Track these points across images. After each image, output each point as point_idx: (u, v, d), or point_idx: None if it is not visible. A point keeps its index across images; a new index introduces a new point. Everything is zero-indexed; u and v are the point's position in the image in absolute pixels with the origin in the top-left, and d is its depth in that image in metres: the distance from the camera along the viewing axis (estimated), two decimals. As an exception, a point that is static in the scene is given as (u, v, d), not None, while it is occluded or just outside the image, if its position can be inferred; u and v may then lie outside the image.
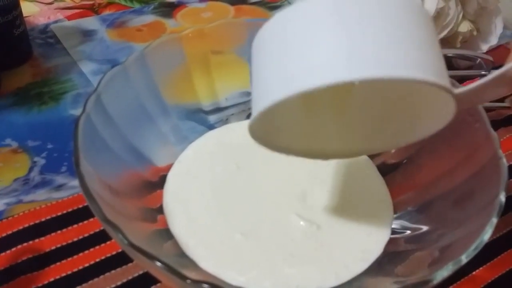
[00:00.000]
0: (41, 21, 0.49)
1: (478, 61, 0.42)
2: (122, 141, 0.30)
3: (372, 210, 0.31)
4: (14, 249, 0.29)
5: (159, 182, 0.32)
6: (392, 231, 0.29)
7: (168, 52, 0.33)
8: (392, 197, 0.32)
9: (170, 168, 0.33)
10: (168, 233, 0.29)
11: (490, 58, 0.42)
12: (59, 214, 0.31)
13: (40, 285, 0.27)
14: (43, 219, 0.31)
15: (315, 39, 0.19)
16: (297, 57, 0.19)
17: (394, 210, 0.31)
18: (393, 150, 0.33)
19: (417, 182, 0.31)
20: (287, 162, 0.33)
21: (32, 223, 0.30)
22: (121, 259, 0.29)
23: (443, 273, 0.21)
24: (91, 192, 0.23)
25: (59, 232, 0.30)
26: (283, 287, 0.26)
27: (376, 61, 0.18)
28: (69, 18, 0.50)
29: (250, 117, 0.36)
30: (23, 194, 0.32)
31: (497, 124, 0.40)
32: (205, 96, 0.36)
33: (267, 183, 0.32)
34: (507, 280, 0.30)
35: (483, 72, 0.42)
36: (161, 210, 0.30)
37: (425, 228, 0.28)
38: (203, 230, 0.29)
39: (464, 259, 0.22)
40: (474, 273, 0.30)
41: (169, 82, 0.34)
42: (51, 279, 0.28)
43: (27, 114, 0.39)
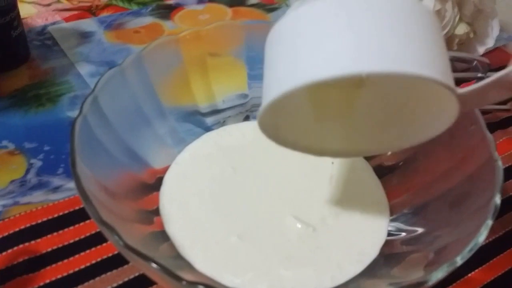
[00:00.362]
0: (38, 22, 0.49)
1: (475, 63, 0.42)
2: (119, 143, 0.30)
3: (368, 212, 0.31)
4: (10, 250, 0.29)
5: (156, 184, 0.32)
6: (388, 233, 0.30)
7: (165, 54, 0.33)
8: (388, 199, 0.32)
9: (167, 170, 0.33)
10: (164, 235, 0.29)
11: (486, 60, 0.42)
12: (56, 216, 0.31)
13: (36, 286, 0.27)
14: (40, 221, 0.31)
15: (325, 34, 0.20)
16: (306, 51, 0.20)
17: (390, 212, 0.31)
18: (389, 153, 0.33)
19: (413, 184, 0.31)
20: (284, 165, 0.33)
21: (28, 225, 0.30)
22: (117, 261, 0.29)
23: (438, 274, 0.21)
24: (87, 193, 0.23)
25: (56, 234, 0.30)
26: (279, 289, 0.26)
27: (383, 56, 0.19)
28: (66, 19, 0.50)
29: (247, 119, 0.36)
30: (20, 196, 0.32)
31: (493, 126, 0.40)
32: (202, 98, 0.36)
33: (264, 185, 0.32)
34: (503, 282, 0.30)
35: (480, 74, 0.42)
36: (157, 212, 0.30)
37: (420, 230, 0.28)
38: (199, 232, 0.29)
39: (459, 261, 0.22)
40: (469, 275, 0.30)
41: (166, 84, 0.34)
42: (47, 281, 0.28)
43: (24, 116, 0.39)
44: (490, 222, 0.23)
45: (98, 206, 0.22)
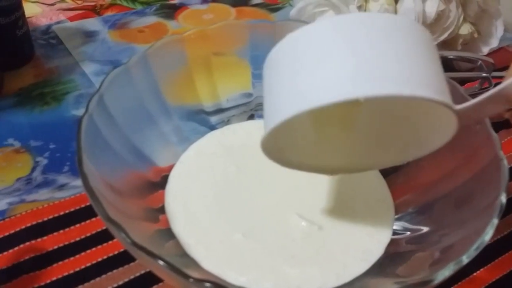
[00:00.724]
0: (43, 22, 0.49)
1: (479, 63, 0.42)
2: (124, 141, 0.30)
3: (373, 211, 0.31)
4: (16, 248, 0.29)
5: (161, 182, 0.32)
6: (393, 232, 0.30)
7: (170, 53, 0.33)
8: (393, 198, 0.32)
9: (172, 168, 0.33)
10: (169, 232, 0.29)
11: (491, 60, 0.42)
12: (61, 213, 0.31)
13: (42, 284, 0.27)
14: (45, 219, 0.31)
15: (323, 59, 0.20)
16: (305, 76, 0.20)
17: (395, 211, 0.31)
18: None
19: (418, 183, 0.31)
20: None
21: (34, 223, 0.30)
22: (123, 259, 0.29)
23: (444, 273, 0.21)
24: (94, 191, 0.23)
25: (61, 231, 0.30)
26: (284, 288, 0.27)
27: (380, 79, 0.19)
28: (71, 19, 0.50)
29: (251, 118, 0.36)
30: (26, 194, 0.32)
31: (498, 126, 0.40)
32: (206, 97, 0.36)
33: (269, 184, 0.32)
34: (508, 281, 0.30)
35: (484, 74, 0.42)
36: (162, 210, 0.30)
37: (426, 229, 0.28)
38: (205, 230, 0.29)
39: (465, 260, 0.22)
40: (475, 274, 0.30)
41: (170, 83, 0.34)
42: (53, 278, 0.28)
43: (30, 115, 0.39)
44: (495, 221, 0.23)
45: (105, 204, 0.23)
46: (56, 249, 0.29)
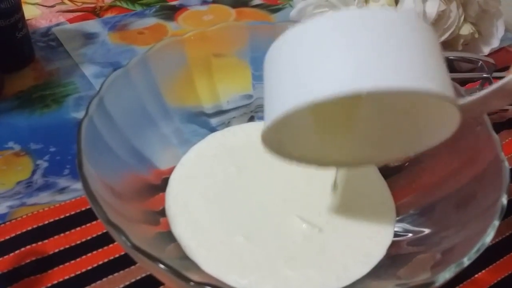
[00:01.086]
0: (43, 24, 0.49)
1: (480, 63, 0.42)
2: (125, 144, 0.30)
3: (374, 213, 0.31)
4: (17, 251, 0.29)
5: (162, 185, 0.32)
6: (394, 234, 0.30)
7: (170, 55, 0.33)
8: (394, 199, 0.32)
9: (172, 171, 0.33)
10: (170, 235, 0.29)
11: (491, 60, 0.42)
12: (62, 216, 0.31)
13: (43, 287, 0.27)
14: (46, 222, 0.31)
15: (324, 53, 0.20)
16: (306, 69, 0.20)
17: (397, 213, 0.31)
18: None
19: (419, 185, 0.31)
20: (289, 165, 0.33)
21: (35, 226, 0.30)
22: (124, 262, 0.29)
23: (446, 275, 0.21)
24: (95, 194, 0.23)
25: (62, 234, 0.30)
26: (285, 290, 0.26)
27: (382, 72, 0.19)
28: (71, 21, 0.50)
29: (251, 119, 0.36)
30: (26, 197, 0.32)
31: (499, 126, 0.40)
32: (206, 99, 0.36)
33: (269, 186, 0.32)
34: (509, 283, 0.30)
35: (485, 74, 0.42)
36: (163, 212, 0.30)
37: (427, 231, 0.28)
38: (205, 232, 0.29)
39: (466, 261, 0.22)
40: (476, 276, 0.30)
41: (171, 85, 0.34)
42: (55, 282, 0.28)
43: (30, 117, 0.39)
44: (497, 222, 0.23)
45: (105, 207, 0.23)
46: (56, 252, 0.29)
